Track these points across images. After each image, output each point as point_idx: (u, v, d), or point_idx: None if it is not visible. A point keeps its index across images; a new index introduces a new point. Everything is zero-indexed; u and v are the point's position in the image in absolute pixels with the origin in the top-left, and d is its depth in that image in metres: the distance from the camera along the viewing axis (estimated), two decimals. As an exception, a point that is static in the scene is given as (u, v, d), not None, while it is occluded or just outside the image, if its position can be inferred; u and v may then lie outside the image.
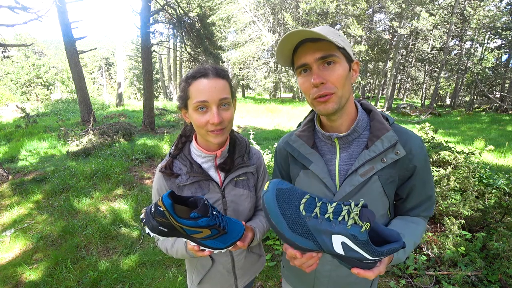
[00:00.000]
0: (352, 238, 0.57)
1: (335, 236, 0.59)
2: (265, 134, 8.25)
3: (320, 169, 0.80)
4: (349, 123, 0.80)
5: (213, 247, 0.77)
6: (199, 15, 10.69)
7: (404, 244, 0.59)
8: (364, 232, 0.56)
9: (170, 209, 0.70)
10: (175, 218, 0.70)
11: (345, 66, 0.72)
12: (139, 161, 5.12)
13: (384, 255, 0.59)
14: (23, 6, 4.93)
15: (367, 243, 0.57)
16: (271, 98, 26.74)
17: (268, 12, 23.83)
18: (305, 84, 0.73)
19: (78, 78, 8.06)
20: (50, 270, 2.38)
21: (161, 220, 0.72)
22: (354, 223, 0.57)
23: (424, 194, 0.82)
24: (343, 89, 0.72)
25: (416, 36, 21.44)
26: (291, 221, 0.60)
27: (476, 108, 18.50)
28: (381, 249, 0.59)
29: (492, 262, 2.12)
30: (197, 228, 0.72)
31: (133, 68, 33.32)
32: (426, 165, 0.80)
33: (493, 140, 8.03)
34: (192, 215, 0.71)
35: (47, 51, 42.81)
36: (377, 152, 0.74)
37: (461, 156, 3.01)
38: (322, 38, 0.67)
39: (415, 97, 33.86)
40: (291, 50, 0.73)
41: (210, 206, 0.74)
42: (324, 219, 0.59)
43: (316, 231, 0.60)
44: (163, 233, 0.74)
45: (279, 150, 0.97)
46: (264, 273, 2.31)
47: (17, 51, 28.23)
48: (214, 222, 0.73)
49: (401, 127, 0.81)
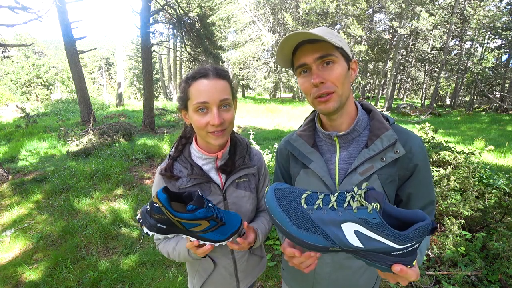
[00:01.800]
0: (363, 222, 0.50)
1: (345, 224, 0.52)
2: (265, 134, 8.25)
3: (320, 167, 0.81)
4: (349, 122, 0.80)
5: (214, 239, 0.76)
6: (199, 15, 10.70)
7: (434, 223, 0.50)
8: (373, 213, 0.49)
9: (166, 204, 0.69)
10: (172, 212, 0.69)
11: (344, 65, 0.73)
12: (139, 161, 5.12)
13: (411, 239, 0.48)
14: (23, 6, 4.93)
15: (383, 226, 0.49)
16: (271, 98, 26.74)
17: (268, 12, 23.83)
18: (305, 84, 0.74)
19: (78, 78, 8.06)
20: (50, 270, 2.38)
21: (159, 217, 0.71)
22: (360, 206, 0.51)
23: (427, 198, 0.80)
24: (343, 87, 0.73)
25: (416, 36, 21.44)
26: (294, 216, 0.57)
27: (476, 108, 18.49)
28: (405, 232, 0.49)
29: (492, 262, 2.12)
30: (195, 221, 0.71)
31: (133, 68, 33.32)
32: (426, 165, 0.80)
33: (493, 140, 8.03)
34: (189, 207, 0.70)
35: (47, 51, 42.81)
36: (376, 151, 0.75)
37: (461, 156, 3.01)
38: (320, 39, 0.68)
39: (415, 97, 33.85)
40: (290, 51, 0.75)
41: (205, 198, 0.73)
42: (327, 209, 0.54)
43: (322, 223, 0.55)
44: (162, 230, 0.73)
45: (280, 149, 0.97)
46: (264, 273, 2.31)
47: (17, 51, 28.23)
48: (211, 213, 0.73)
49: (401, 127, 0.81)
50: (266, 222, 1.00)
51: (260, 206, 1.06)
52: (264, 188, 1.04)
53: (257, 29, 22.36)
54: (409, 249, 0.50)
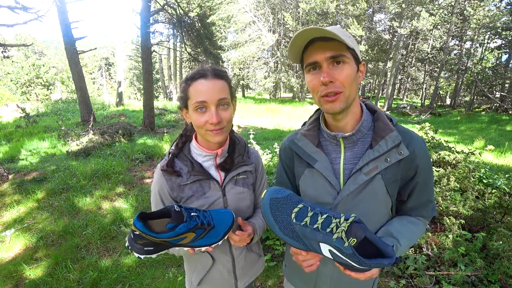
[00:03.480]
0: (338, 249, 0.62)
1: (323, 244, 0.64)
2: (265, 134, 8.25)
3: (325, 167, 0.82)
4: (354, 123, 0.81)
5: (207, 244, 0.78)
6: (199, 15, 10.69)
7: (397, 260, 0.62)
8: (348, 247, 0.60)
9: (145, 230, 0.71)
10: (153, 235, 0.71)
11: (354, 66, 0.73)
12: (139, 161, 5.12)
13: (371, 266, 0.62)
14: (23, 6, 4.93)
15: (353, 255, 0.61)
16: (271, 98, 26.73)
17: (268, 12, 23.81)
18: (313, 81, 0.74)
19: (78, 78, 8.06)
20: (50, 270, 2.38)
21: (143, 242, 0.74)
22: (339, 237, 0.61)
23: (426, 196, 0.83)
24: (350, 88, 0.73)
25: (416, 36, 21.44)
26: (283, 226, 0.69)
27: (476, 108, 18.48)
28: (369, 261, 0.61)
29: (492, 262, 2.12)
30: (179, 236, 0.73)
31: (133, 68, 33.32)
32: (428, 166, 0.81)
33: (493, 140, 8.04)
34: (168, 226, 0.72)
35: (47, 51, 42.80)
36: (381, 152, 0.76)
37: (461, 156, 3.01)
38: (334, 38, 0.68)
39: (415, 97, 33.85)
40: (301, 47, 0.74)
41: (184, 210, 0.74)
42: (312, 228, 0.64)
43: (304, 237, 0.66)
44: (151, 251, 0.76)
45: (284, 148, 0.97)
46: (263, 272, 2.31)
47: (17, 51, 28.23)
48: (194, 223, 0.74)
49: (405, 128, 0.82)
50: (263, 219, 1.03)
51: (258, 203, 1.09)
52: (261, 185, 1.08)
53: (257, 29, 22.36)
54: (366, 269, 0.66)
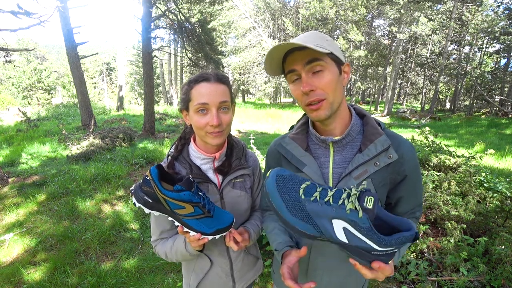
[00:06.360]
0: (353, 223, 0.54)
1: (336, 221, 0.56)
2: (265, 139, 8.25)
3: (313, 172, 0.81)
4: (342, 126, 0.81)
5: (198, 229, 0.78)
6: (200, 21, 10.77)
7: (417, 234, 0.53)
8: (363, 218, 0.52)
9: (155, 179, 0.73)
10: (159, 188, 0.73)
11: (334, 70, 0.73)
12: (139, 166, 5.11)
13: (393, 245, 0.52)
14: (26, 11, 4.98)
15: (370, 230, 0.52)
16: (271, 103, 26.81)
17: (268, 18, 24.05)
18: (296, 91, 0.76)
19: (79, 82, 8.10)
20: (49, 275, 2.36)
21: (147, 190, 0.76)
22: (353, 208, 0.53)
23: (416, 201, 0.85)
24: (334, 94, 0.73)
25: (415, 41, 21.59)
26: (290, 204, 0.60)
27: (476, 112, 18.52)
28: (389, 238, 0.52)
29: (495, 267, 2.10)
30: (179, 202, 0.74)
31: (134, 73, 33.51)
32: (417, 170, 0.82)
33: (493, 144, 8.03)
34: (176, 187, 0.74)
35: (49, 56, 43.08)
36: (370, 156, 0.76)
37: (462, 160, 3.00)
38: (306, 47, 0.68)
39: (414, 101, 33.94)
40: (280, 59, 0.76)
41: (195, 184, 0.77)
42: (323, 203, 0.57)
43: (315, 215, 0.58)
44: (148, 204, 0.77)
45: (271, 152, 0.96)
46: (263, 278, 2.29)
47: (19, 56, 28.42)
48: (197, 199, 0.75)
49: (393, 132, 0.83)
50: (259, 222, 1.04)
51: (255, 206, 1.09)
52: (259, 189, 1.08)
53: (257, 35, 22.54)
54: (389, 252, 0.55)
